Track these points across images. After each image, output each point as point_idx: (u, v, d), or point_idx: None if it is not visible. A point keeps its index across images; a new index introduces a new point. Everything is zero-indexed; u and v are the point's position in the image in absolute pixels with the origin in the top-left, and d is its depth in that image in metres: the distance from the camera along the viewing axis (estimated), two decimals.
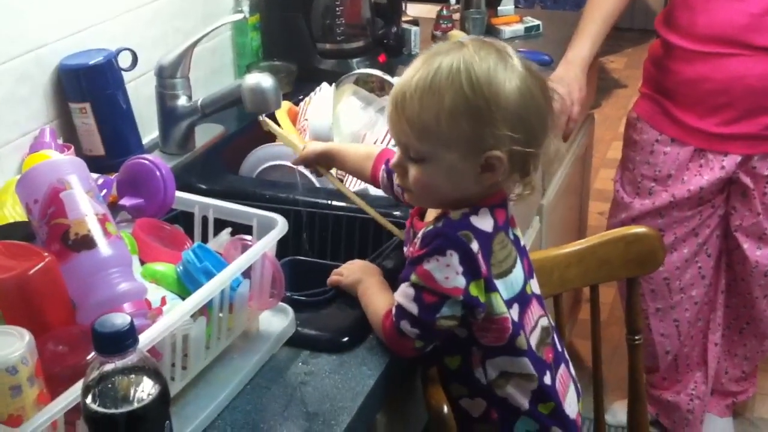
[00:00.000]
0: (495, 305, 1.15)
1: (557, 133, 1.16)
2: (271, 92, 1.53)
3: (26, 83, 1.50)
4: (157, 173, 1.23)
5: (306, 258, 1.43)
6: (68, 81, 1.56)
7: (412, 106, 1.10)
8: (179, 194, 1.26)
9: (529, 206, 2.08)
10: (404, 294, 1.15)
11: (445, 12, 2.43)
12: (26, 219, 1.09)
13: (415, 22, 2.33)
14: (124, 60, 1.62)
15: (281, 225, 1.17)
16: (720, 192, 2.05)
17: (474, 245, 1.12)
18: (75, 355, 0.95)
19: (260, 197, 1.55)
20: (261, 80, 1.53)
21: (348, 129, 1.80)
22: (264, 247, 1.12)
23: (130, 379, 0.82)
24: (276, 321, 1.21)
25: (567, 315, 2.15)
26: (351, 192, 1.43)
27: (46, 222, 1.04)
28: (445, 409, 1.17)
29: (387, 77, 1.82)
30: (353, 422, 1.08)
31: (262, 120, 1.48)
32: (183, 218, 1.29)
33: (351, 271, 1.29)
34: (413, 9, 2.54)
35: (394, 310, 1.16)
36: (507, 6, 2.54)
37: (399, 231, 1.37)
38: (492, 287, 1.14)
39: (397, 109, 1.12)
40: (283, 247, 1.28)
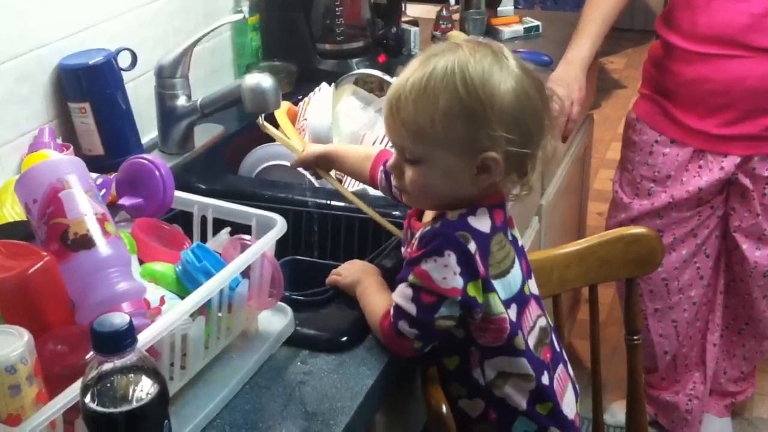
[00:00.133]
0: (493, 305, 1.15)
1: (556, 134, 1.16)
2: (271, 92, 1.53)
3: (26, 83, 1.50)
4: (157, 173, 1.23)
5: (305, 258, 1.43)
6: (68, 81, 1.56)
7: (407, 108, 1.10)
8: (178, 194, 1.26)
9: (529, 206, 2.08)
10: (402, 294, 1.15)
11: (445, 12, 2.43)
12: (25, 218, 1.09)
13: (415, 23, 2.33)
14: (124, 60, 1.62)
15: (280, 225, 1.17)
16: (719, 193, 2.05)
17: (471, 246, 1.12)
18: (74, 355, 0.95)
19: (259, 197, 1.55)
20: (261, 80, 1.53)
21: (347, 129, 1.80)
22: (263, 247, 1.12)
23: (129, 379, 0.82)
24: (275, 321, 1.21)
25: (566, 315, 2.15)
26: (350, 193, 1.43)
27: (45, 221, 1.04)
28: (444, 409, 1.17)
29: (386, 77, 1.83)
30: (352, 422, 1.08)
31: (261, 124, 1.48)
32: (182, 218, 1.29)
33: (349, 272, 1.29)
34: (413, 9, 2.54)
35: (393, 311, 1.16)
36: (507, 6, 2.54)
37: (399, 231, 1.37)
38: (490, 287, 1.14)
39: (393, 112, 1.12)
40: (282, 247, 1.28)
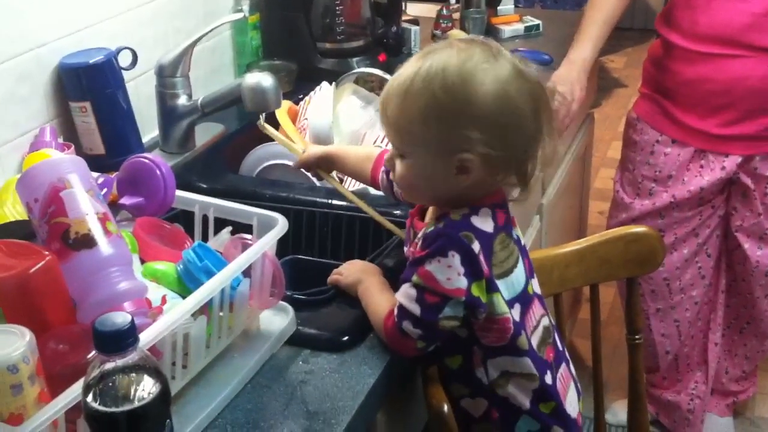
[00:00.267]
0: (497, 305, 1.15)
1: (555, 134, 1.15)
2: (271, 91, 1.53)
3: (26, 82, 1.50)
4: (158, 172, 1.23)
5: (306, 257, 1.43)
6: (68, 80, 1.56)
7: (393, 107, 1.13)
8: (179, 193, 1.26)
9: (529, 205, 2.08)
10: (406, 294, 1.15)
11: (445, 11, 2.43)
12: (27, 218, 1.09)
13: (415, 22, 2.33)
14: (124, 59, 1.62)
15: (281, 224, 1.17)
16: (720, 192, 2.05)
17: (475, 246, 1.12)
18: (76, 354, 0.95)
19: (260, 196, 1.55)
20: (261, 79, 1.53)
21: (348, 128, 1.80)
22: (264, 246, 1.12)
23: (131, 378, 0.82)
24: (276, 320, 1.20)
25: (567, 314, 2.15)
26: (351, 194, 1.43)
27: (47, 221, 1.04)
28: (446, 409, 1.17)
29: (387, 76, 1.82)
30: (353, 421, 1.07)
31: (261, 125, 1.48)
32: (183, 217, 1.29)
33: (350, 271, 1.29)
34: (413, 8, 2.54)
35: (396, 311, 1.16)
36: (507, 5, 2.53)
37: (400, 231, 1.36)
38: (494, 287, 1.14)
39: (383, 109, 1.16)
40: (283, 246, 1.28)
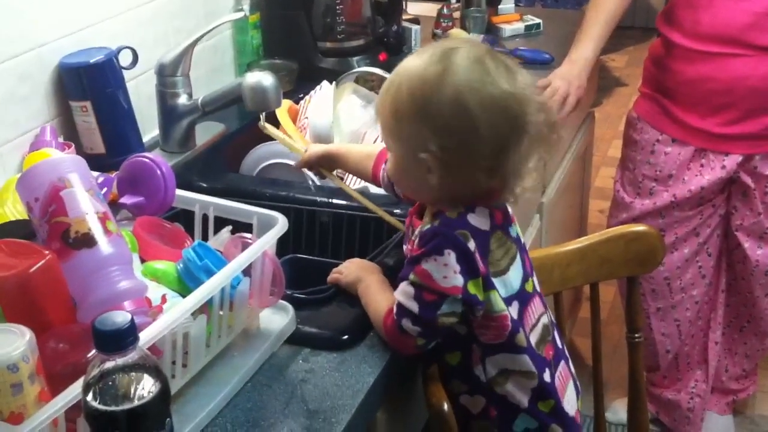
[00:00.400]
0: (494, 303, 1.15)
1: (545, 151, 1.16)
2: (272, 91, 1.53)
3: (27, 82, 1.50)
4: (158, 171, 1.23)
5: (306, 256, 1.43)
6: (69, 79, 1.56)
7: (379, 100, 1.19)
8: (179, 192, 1.26)
9: (530, 204, 2.08)
10: (404, 293, 1.15)
11: (446, 10, 2.43)
12: (27, 217, 1.09)
13: (416, 21, 2.33)
14: (125, 58, 1.62)
15: (281, 223, 1.17)
16: (721, 192, 2.05)
17: (471, 244, 1.12)
18: (76, 353, 0.96)
19: (260, 195, 1.55)
20: (261, 79, 1.53)
21: (348, 127, 1.80)
22: (264, 245, 1.12)
23: (131, 377, 0.82)
24: (276, 319, 1.21)
25: (567, 313, 2.15)
26: (355, 192, 1.43)
27: (47, 220, 1.04)
28: (446, 407, 1.17)
29: (387, 75, 1.80)
30: (353, 420, 1.08)
31: (263, 125, 1.48)
32: (183, 216, 1.29)
33: (350, 270, 1.29)
34: (414, 7, 2.54)
35: (395, 309, 1.16)
36: (507, 4, 2.53)
37: (404, 227, 1.36)
38: (490, 285, 1.15)
39: (376, 103, 1.21)
40: (283, 245, 1.28)
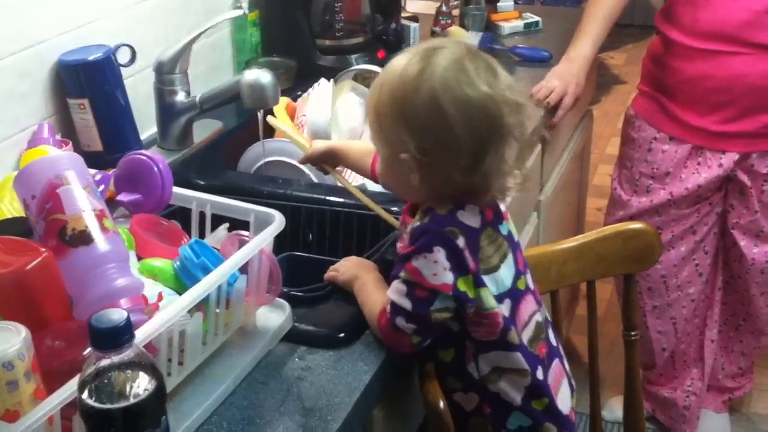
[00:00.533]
0: (485, 300, 1.16)
1: (526, 151, 1.17)
2: (270, 88, 1.54)
3: (25, 79, 1.50)
4: (155, 169, 1.23)
5: (303, 254, 1.43)
6: (67, 77, 1.56)
7: (366, 102, 1.21)
8: (177, 190, 1.26)
9: (527, 202, 2.08)
10: (396, 290, 1.15)
11: (445, 8, 2.43)
12: (24, 214, 1.09)
13: (415, 19, 2.33)
14: (123, 56, 1.62)
15: (278, 221, 1.17)
16: (718, 190, 2.05)
17: (460, 241, 1.13)
18: (72, 351, 0.96)
19: (258, 193, 1.55)
20: (260, 76, 1.53)
21: (346, 125, 1.80)
22: (261, 243, 1.12)
23: (127, 375, 0.83)
24: (273, 317, 1.21)
25: (564, 311, 2.16)
26: (357, 189, 1.43)
27: (44, 217, 1.04)
28: (442, 405, 1.17)
29: None
30: (350, 418, 1.08)
31: (270, 120, 1.49)
32: (180, 214, 1.29)
33: (347, 268, 1.29)
34: (412, 5, 2.54)
35: (389, 307, 1.16)
36: (506, 2, 2.53)
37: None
38: (481, 282, 1.15)
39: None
40: (280, 243, 1.28)
